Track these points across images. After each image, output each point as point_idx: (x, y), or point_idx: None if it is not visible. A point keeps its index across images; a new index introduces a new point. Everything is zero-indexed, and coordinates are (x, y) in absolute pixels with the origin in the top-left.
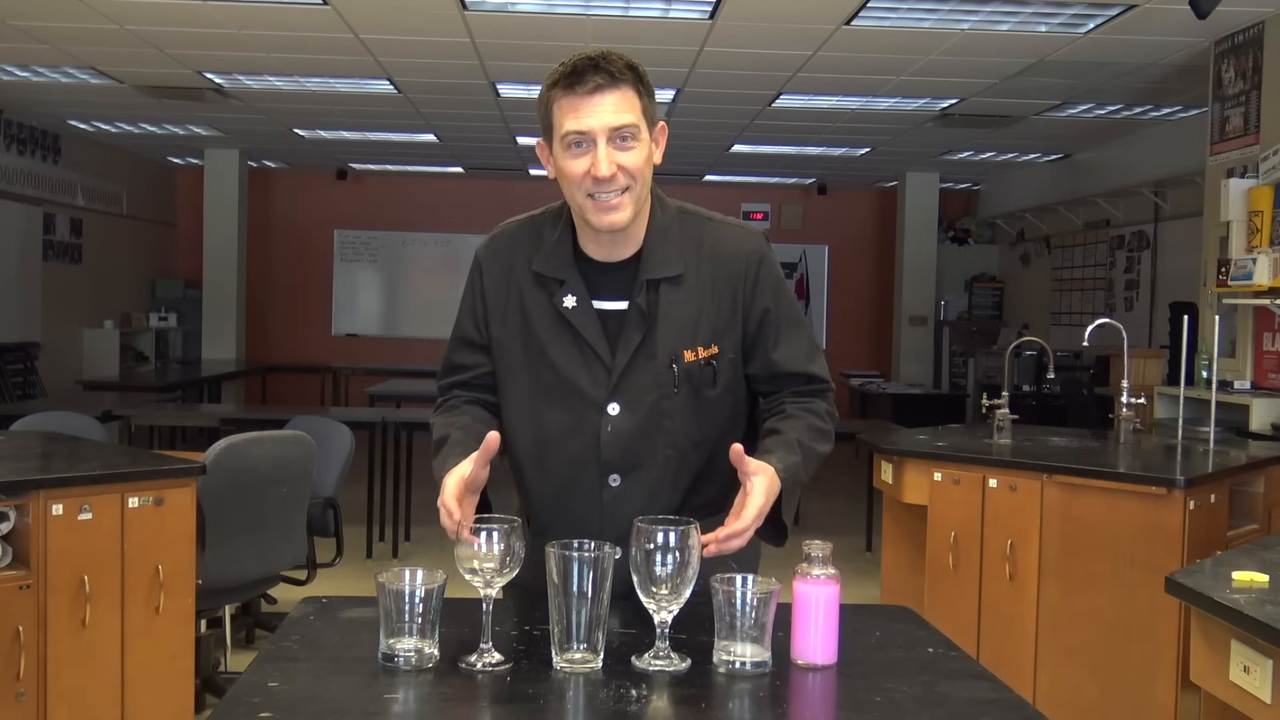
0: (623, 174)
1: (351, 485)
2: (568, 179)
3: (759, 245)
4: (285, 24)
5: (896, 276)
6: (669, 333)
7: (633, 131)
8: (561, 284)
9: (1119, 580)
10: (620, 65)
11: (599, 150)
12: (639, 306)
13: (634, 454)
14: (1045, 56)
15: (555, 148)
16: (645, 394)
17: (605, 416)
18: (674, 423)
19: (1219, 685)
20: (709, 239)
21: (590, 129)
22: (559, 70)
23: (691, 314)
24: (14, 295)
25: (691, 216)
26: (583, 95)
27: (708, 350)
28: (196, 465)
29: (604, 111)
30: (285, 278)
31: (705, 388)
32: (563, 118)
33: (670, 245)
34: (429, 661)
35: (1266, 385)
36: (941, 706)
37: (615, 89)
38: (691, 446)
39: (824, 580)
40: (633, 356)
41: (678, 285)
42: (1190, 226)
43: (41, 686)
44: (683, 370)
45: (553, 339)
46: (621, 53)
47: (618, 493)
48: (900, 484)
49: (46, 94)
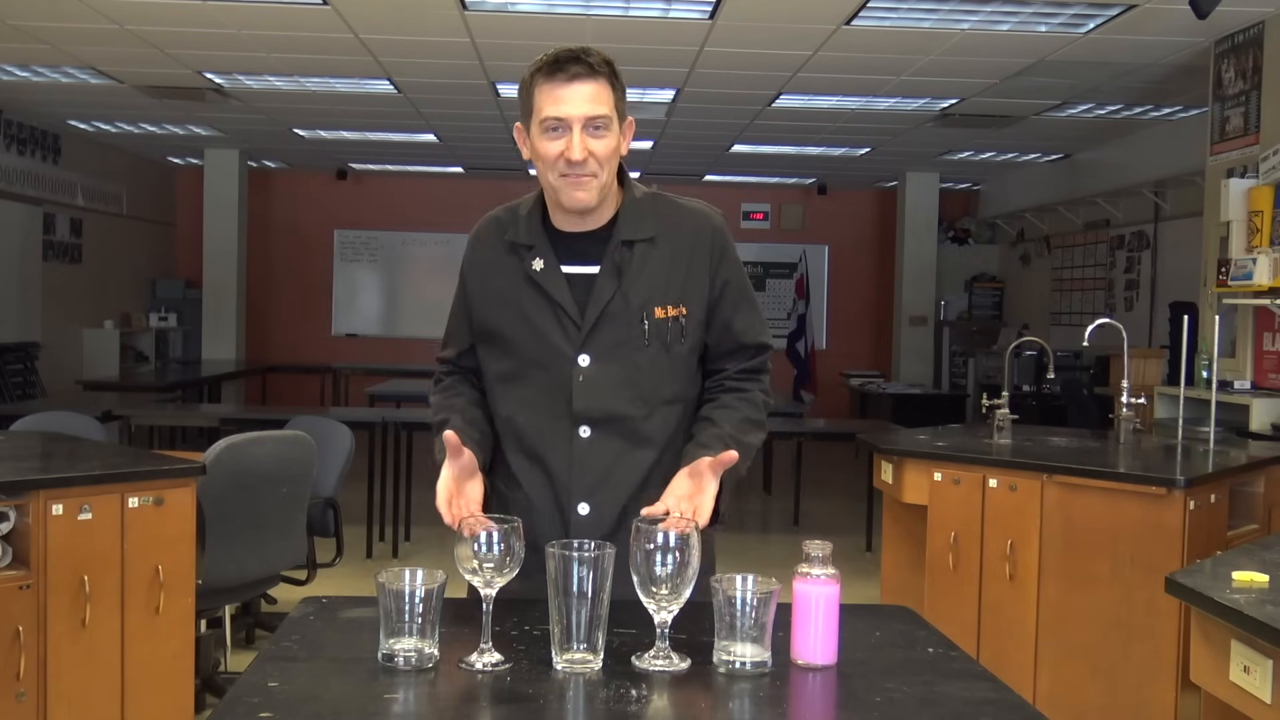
0: (593, 159)
1: (351, 485)
2: (542, 160)
3: (721, 223)
4: (285, 24)
5: (896, 276)
6: (641, 289)
7: (605, 122)
8: (530, 249)
9: (1119, 580)
10: (598, 59)
11: (574, 136)
12: (614, 263)
13: (604, 404)
14: (1045, 56)
15: (533, 130)
16: (616, 347)
17: (576, 367)
18: (643, 375)
19: (1219, 685)
20: (675, 214)
21: (568, 115)
22: (542, 59)
23: (662, 274)
24: (14, 295)
25: (659, 195)
26: (562, 83)
27: (675, 309)
28: (196, 465)
29: (581, 100)
30: (285, 278)
31: (675, 344)
32: (542, 103)
33: (642, 217)
34: (429, 661)
35: (1266, 385)
36: (941, 706)
37: (592, 80)
38: (661, 403)
39: (824, 580)
40: (603, 311)
41: (651, 246)
42: (1190, 226)
43: (41, 686)
44: (653, 325)
45: (525, 301)
46: (600, 50)
47: (587, 444)
48: (900, 484)
49: (46, 94)
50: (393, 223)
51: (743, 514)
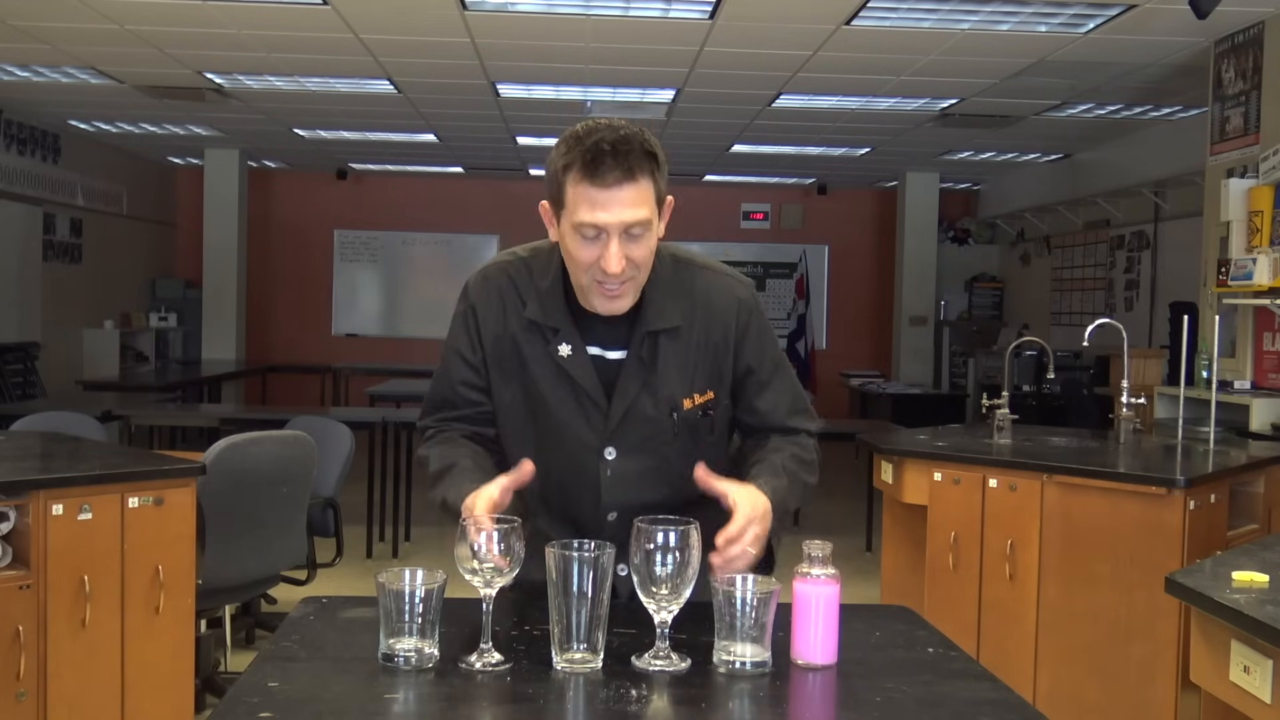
0: (630, 266)
1: (351, 485)
2: (575, 262)
3: (749, 294)
4: (285, 24)
5: (896, 276)
6: (667, 381)
7: (645, 225)
8: (556, 332)
9: (1119, 580)
10: (639, 152)
11: (611, 247)
12: (639, 357)
13: (633, 494)
14: (1045, 56)
15: (564, 226)
16: (644, 440)
17: (604, 461)
18: (672, 466)
19: (1219, 685)
20: (701, 288)
21: (605, 224)
22: (576, 150)
23: (688, 363)
24: (14, 295)
25: (684, 265)
26: (600, 189)
27: (704, 397)
28: (196, 465)
29: (620, 208)
30: (285, 278)
31: (704, 433)
32: (577, 206)
33: (668, 297)
34: (429, 661)
35: (1266, 385)
36: (941, 706)
37: (633, 182)
38: (685, 482)
39: (824, 580)
40: (631, 404)
41: (675, 336)
42: (1190, 226)
43: (41, 686)
44: (683, 418)
45: (550, 386)
46: (639, 132)
47: (615, 525)
48: (900, 484)
49: (46, 94)
50: (393, 223)
51: None
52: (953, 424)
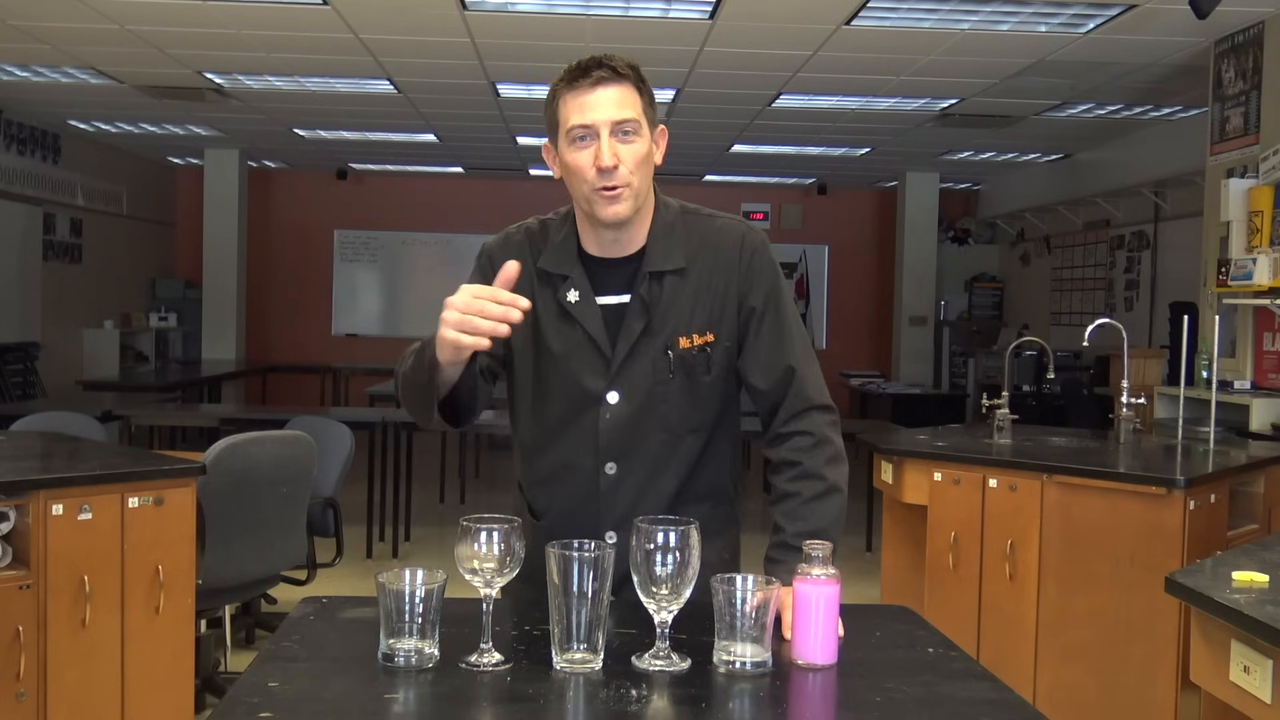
0: (624, 166)
1: (351, 485)
2: (573, 172)
3: (756, 236)
4: (285, 24)
5: (896, 276)
6: (667, 321)
7: (634, 126)
8: (565, 279)
9: (1119, 580)
10: (622, 64)
11: (602, 141)
12: (641, 297)
13: (629, 440)
14: (1045, 56)
15: (560, 143)
16: (642, 381)
17: (604, 405)
18: (669, 408)
19: (1219, 685)
20: (708, 232)
21: (594, 122)
22: (565, 70)
23: (689, 304)
24: (14, 295)
25: (693, 214)
26: (586, 88)
27: (703, 338)
28: (196, 465)
29: (607, 105)
30: (285, 278)
31: (700, 374)
32: (568, 112)
33: (673, 241)
34: (429, 661)
35: (1266, 385)
36: (941, 706)
37: (617, 84)
38: (687, 432)
39: (824, 580)
40: (633, 346)
41: (680, 277)
42: (1190, 226)
43: (41, 686)
44: (678, 356)
45: (556, 332)
46: (624, 56)
47: (614, 479)
48: (900, 484)
49: (46, 94)
50: (393, 223)
51: (742, 514)
52: (953, 424)
